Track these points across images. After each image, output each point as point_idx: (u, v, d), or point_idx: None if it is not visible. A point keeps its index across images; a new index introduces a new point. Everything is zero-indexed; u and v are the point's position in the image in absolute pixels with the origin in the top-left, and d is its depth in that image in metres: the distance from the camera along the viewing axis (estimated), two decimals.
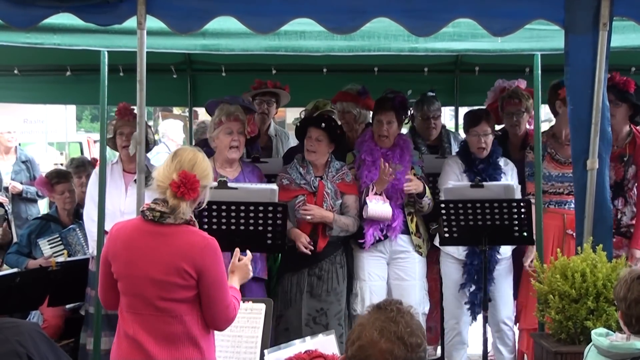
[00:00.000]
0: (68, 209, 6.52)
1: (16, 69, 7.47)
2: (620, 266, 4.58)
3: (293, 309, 5.61)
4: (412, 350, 2.46)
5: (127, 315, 3.54)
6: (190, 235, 3.51)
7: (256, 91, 6.77)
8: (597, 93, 4.81)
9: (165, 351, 3.46)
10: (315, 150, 5.63)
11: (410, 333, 2.47)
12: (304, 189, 5.62)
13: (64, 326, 6.16)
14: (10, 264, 6.20)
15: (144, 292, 3.47)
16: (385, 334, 2.46)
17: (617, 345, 3.34)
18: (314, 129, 5.65)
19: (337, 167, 5.72)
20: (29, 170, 8.43)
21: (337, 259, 5.70)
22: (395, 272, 5.83)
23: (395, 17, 4.90)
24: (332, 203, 5.60)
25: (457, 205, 5.30)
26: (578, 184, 4.97)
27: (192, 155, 3.57)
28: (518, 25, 4.93)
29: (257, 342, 4.13)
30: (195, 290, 3.49)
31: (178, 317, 3.48)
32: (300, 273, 5.61)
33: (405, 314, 2.53)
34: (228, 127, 5.49)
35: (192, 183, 3.47)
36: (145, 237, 3.50)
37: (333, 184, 5.63)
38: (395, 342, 2.45)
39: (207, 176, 3.60)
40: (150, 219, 3.51)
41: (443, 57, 7.04)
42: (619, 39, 5.14)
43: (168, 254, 3.45)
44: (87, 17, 4.91)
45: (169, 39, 5.35)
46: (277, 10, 4.89)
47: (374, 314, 2.54)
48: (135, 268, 3.48)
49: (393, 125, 5.79)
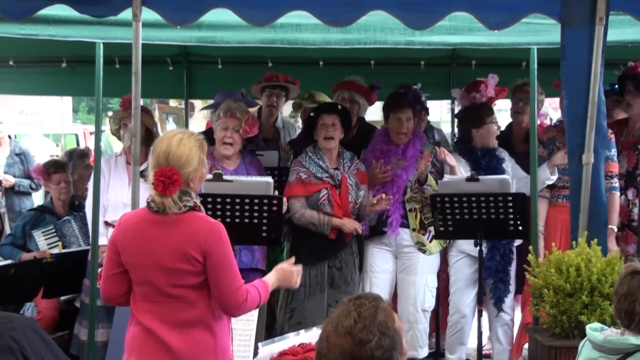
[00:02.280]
0: (63, 200, 6.51)
1: (11, 60, 7.44)
2: (615, 261, 4.59)
3: (312, 302, 5.54)
4: (361, 345, 2.34)
5: (140, 303, 3.56)
6: (195, 221, 3.51)
7: (266, 83, 6.75)
8: (593, 87, 4.81)
9: (178, 337, 3.47)
10: (333, 136, 5.56)
11: (362, 328, 2.36)
12: (326, 182, 5.55)
13: (58, 318, 6.16)
14: (4, 255, 6.19)
15: (155, 280, 3.49)
16: (338, 328, 2.38)
17: (611, 340, 3.34)
18: (327, 115, 5.58)
19: (349, 157, 5.69)
20: (22, 162, 8.42)
21: (353, 247, 5.69)
22: (400, 265, 5.84)
23: (391, 10, 4.89)
24: (355, 195, 5.57)
25: (453, 199, 5.30)
26: (573, 178, 4.98)
27: (165, 146, 3.50)
28: (514, 19, 4.93)
29: (252, 335, 4.13)
30: (204, 275, 3.50)
31: (190, 303, 3.49)
32: (319, 265, 5.56)
33: (367, 308, 2.41)
34: (224, 122, 5.51)
35: (170, 177, 3.43)
36: (153, 226, 3.51)
37: (352, 175, 5.61)
38: (345, 337, 2.36)
39: (187, 161, 3.50)
40: (155, 210, 3.51)
41: (439, 50, 7.04)
42: (616, 33, 5.14)
43: (175, 242, 3.46)
44: (82, 9, 4.90)
45: (164, 31, 5.33)
46: (273, 2, 4.89)
47: (339, 307, 2.47)
48: (145, 257, 3.49)
49: (411, 122, 5.79)
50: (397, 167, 5.75)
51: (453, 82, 7.93)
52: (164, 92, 9.24)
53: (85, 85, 6.66)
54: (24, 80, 8.02)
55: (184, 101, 8.76)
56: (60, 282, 5.93)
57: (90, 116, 27.66)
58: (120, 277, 3.59)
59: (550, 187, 5.86)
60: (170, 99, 14.21)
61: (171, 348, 3.46)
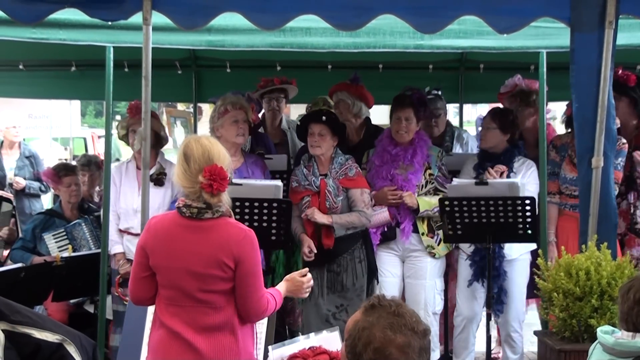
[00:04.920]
0: (73, 203, 6.52)
1: (21, 64, 7.47)
2: (624, 264, 4.58)
3: (312, 306, 5.59)
4: (425, 337, 2.48)
5: (166, 307, 3.58)
6: (228, 227, 3.54)
7: (264, 89, 6.76)
8: (602, 91, 4.80)
9: (204, 340, 3.51)
10: (320, 145, 5.61)
11: (417, 322, 2.49)
12: (308, 189, 5.63)
13: (68, 321, 6.16)
14: (15, 259, 6.21)
15: (184, 285, 3.51)
16: (397, 328, 2.44)
17: (622, 343, 3.33)
18: (314, 124, 5.63)
19: (340, 162, 5.69)
20: (32, 165, 8.46)
21: (356, 253, 5.67)
22: (408, 270, 5.85)
23: (400, 14, 4.90)
24: (335, 200, 5.59)
25: (462, 203, 5.31)
26: (583, 182, 4.97)
27: (201, 150, 3.55)
28: (523, 23, 4.93)
29: (262, 338, 4.13)
30: (234, 281, 3.53)
31: (217, 308, 3.52)
32: (319, 269, 5.58)
33: (402, 305, 2.53)
34: (233, 115, 5.54)
35: (220, 174, 3.47)
36: (185, 231, 3.53)
37: (335, 180, 5.63)
38: (409, 334, 2.45)
39: (225, 155, 3.60)
40: (188, 215, 3.53)
41: (448, 54, 7.03)
42: (625, 37, 5.14)
43: (208, 247, 3.49)
44: (92, 13, 4.93)
45: (174, 35, 5.35)
46: (283, 6, 4.90)
47: (373, 314, 2.50)
48: (175, 261, 3.52)
49: (412, 122, 5.80)
50: (405, 172, 5.76)
51: (461, 86, 7.94)
52: (173, 95, 9.28)
53: (95, 89, 6.69)
54: (34, 83, 8.05)
55: (192, 105, 8.78)
56: (70, 286, 5.94)
57: (97, 120, 27.77)
58: (149, 280, 3.63)
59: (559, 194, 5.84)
60: (178, 102, 14.24)
61: (198, 350, 3.50)
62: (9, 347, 2.78)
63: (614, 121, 4.96)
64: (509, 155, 5.83)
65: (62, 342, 2.83)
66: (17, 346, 2.83)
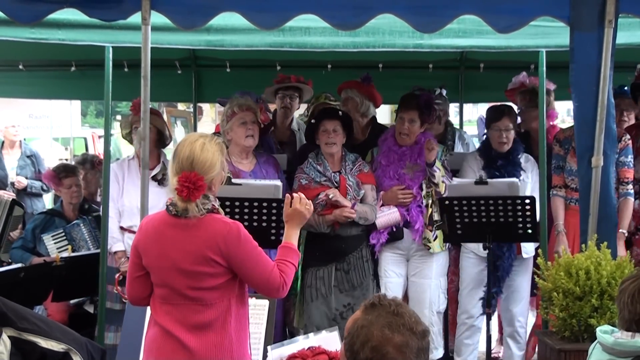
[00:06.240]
0: (74, 204, 6.52)
1: (21, 64, 7.48)
2: (624, 264, 4.57)
3: (319, 304, 5.59)
4: (423, 337, 2.47)
5: (160, 306, 3.60)
6: (213, 223, 3.54)
7: (279, 85, 6.75)
8: (602, 90, 4.79)
9: (196, 338, 3.51)
10: (335, 141, 5.62)
11: (416, 322, 2.48)
12: (325, 186, 5.60)
13: (68, 321, 6.16)
14: (15, 259, 6.21)
15: (174, 283, 3.53)
16: (395, 328, 2.44)
17: (622, 343, 3.33)
18: (329, 121, 5.63)
19: (352, 159, 5.73)
20: (33, 164, 8.47)
21: (363, 252, 5.69)
22: (413, 269, 5.84)
23: (400, 14, 4.89)
24: (355, 195, 5.60)
25: (461, 202, 5.30)
26: (583, 181, 4.96)
27: (188, 152, 3.54)
28: (523, 22, 4.92)
29: (261, 338, 4.13)
30: (226, 276, 3.53)
31: (208, 305, 3.53)
32: (327, 267, 5.60)
33: (402, 305, 2.52)
34: (241, 117, 5.54)
35: (195, 182, 3.47)
36: (172, 229, 3.55)
37: (353, 176, 5.63)
38: (407, 334, 2.44)
39: (211, 166, 3.56)
40: (174, 213, 3.54)
41: (448, 53, 7.02)
42: (625, 36, 5.13)
43: (194, 245, 3.50)
44: (91, 13, 4.92)
45: (173, 35, 5.35)
46: (282, 6, 4.89)
47: (372, 313, 2.50)
48: (164, 260, 3.53)
49: (415, 124, 5.76)
50: (411, 171, 5.75)
51: (461, 85, 7.94)
52: (173, 95, 9.27)
53: (95, 89, 6.69)
54: (34, 83, 8.06)
55: (192, 105, 8.78)
56: (69, 286, 5.93)
57: (98, 120, 27.76)
58: (143, 280, 3.65)
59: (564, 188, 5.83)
60: (178, 102, 14.25)
61: (189, 349, 3.50)
62: (15, 353, 2.79)
63: (614, 120, 4.95)
64: (516, 152, 5.85)
65: (67, 352, 2.84)
66: (23, 353, 2.85)
